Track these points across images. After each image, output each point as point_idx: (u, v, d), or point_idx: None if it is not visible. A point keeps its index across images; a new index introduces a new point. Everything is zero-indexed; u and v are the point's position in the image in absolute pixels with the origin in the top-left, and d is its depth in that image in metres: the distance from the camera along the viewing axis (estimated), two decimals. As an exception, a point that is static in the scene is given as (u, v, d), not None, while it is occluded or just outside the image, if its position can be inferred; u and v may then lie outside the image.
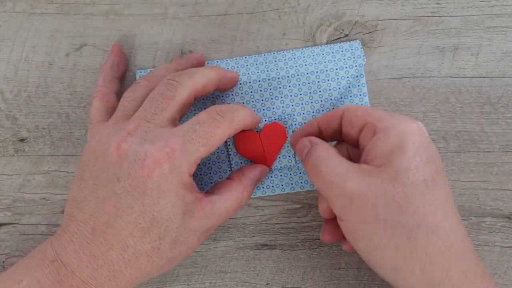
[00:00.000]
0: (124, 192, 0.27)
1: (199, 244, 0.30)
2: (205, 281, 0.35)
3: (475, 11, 0.37)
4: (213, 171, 0.35)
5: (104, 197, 0.27)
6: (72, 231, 0.28)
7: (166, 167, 0.27)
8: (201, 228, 0.29)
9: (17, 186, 0.36)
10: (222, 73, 0.33)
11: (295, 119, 0.34)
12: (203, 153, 0.28)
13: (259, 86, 0.35)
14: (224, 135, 0.29)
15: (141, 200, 0.27)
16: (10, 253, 0.35)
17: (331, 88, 0.35)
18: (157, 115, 0.29)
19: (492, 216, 0.35)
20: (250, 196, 0.32)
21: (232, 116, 0.29)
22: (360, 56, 0.35)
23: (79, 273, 0.27)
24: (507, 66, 0.36)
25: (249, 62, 0.36)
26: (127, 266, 0.28)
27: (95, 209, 0.27)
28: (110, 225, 0.27)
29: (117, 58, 0.36)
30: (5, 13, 0.37)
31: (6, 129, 0.36)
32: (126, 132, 0.28)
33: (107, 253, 0.27)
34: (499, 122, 0.36)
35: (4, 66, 0.37)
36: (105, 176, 0.28)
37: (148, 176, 0.27)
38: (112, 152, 0.28)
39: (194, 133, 0.28)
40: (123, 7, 0.37)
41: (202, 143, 0.28)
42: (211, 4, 0.37)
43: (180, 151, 0.27)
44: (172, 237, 0.28)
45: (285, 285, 0.35)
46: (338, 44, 0.36)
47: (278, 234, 0.35)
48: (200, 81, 0.31)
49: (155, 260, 0.28)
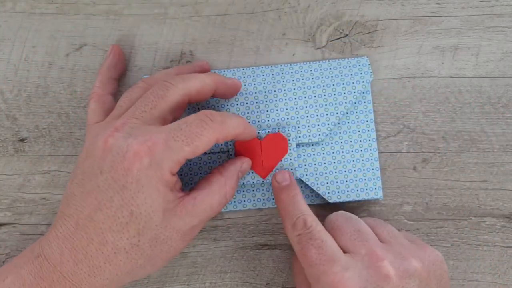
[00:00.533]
0: (105, 185, 0.27)
1: (185, 244, 0.30)
2: (205, 281, 0.35)
3: (475, 11, 0.37)
4: None
5: (88, 191, 0.27)
6: (58, 226, 0.28)
7: (146, 160, 0.27)
8: (185, 226, 0.28)
9: (17, 186, 0.36)
10: (220, 79, 0.32)
11: (300, 132, 0.34)
12: (188, 153, 0.28)
13: (264, 96, 0.35)
14: (211, 138, 0.28)
15: (120, 194, 0.27)
16: (10, 253, 0.35)
17: (337, 102, 0.35)
18: (146, 112, 0.29)
19: (492, 216, 0.35)
20: (234, 188, 0.31)
21: (222, 121, 0.29)
22: (368, 72, 0.35)
23: (60, 267, 0.27)
24: (507, 66, 0.36)
25: (255, 73, 0.36)
26: (106, 262, 0.27)
27: (80, 202, 0.28)
28: (91, 218, 0.27)
29: (115, 59, 0.36)
30: (5, 13, 0.37)
31: (6, 129, 0.36)
32: (113, 128, 0.28)
33: (87, 248, 0.27)
34: (499, 122, 0.36)
35: (4, 66, 0.37)
36: (91, 170, 0.28)
37: (128, 169, 0.27)
38: (99, 146, 0.28)
39: (179, 131, 0.28)
40: (123, 7, 0.37)
41: (186, 142, 0.28)
42: (211, 4, 0.37)
43: (162, 147, 0.27)
44: (151, 234, 0.27)
45: (285, 285, 0.35)
46: (346, 59, 0.36)
47: (278, 234, 0.35)
48: (194, 85, 0.30)
49: (134, 257, 0.28)
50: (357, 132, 0.35)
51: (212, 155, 0.35)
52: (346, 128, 0.35)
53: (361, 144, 0.35)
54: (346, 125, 0.35)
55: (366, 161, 0.34)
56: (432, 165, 0.36)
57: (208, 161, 0.35)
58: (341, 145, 0.35)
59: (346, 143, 0.35)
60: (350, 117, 0.35)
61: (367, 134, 0.35)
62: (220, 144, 0.34)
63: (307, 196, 0.35)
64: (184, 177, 0.34)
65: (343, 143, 0.35)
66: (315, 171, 0.34)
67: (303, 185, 0.35)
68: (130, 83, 0.37)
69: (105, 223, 0.27)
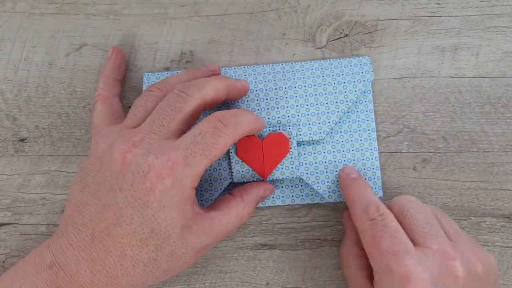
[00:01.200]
0: (125, 202, 0.27)
1: (195, 261, 0.30)
2: (205, 281, 0.35)
3: (475, 11, 0.37)
4: (213, 178, 0.34)
5: (104, 205, 0.27)
6: (71, 234, 0.28)
7: (169, 181, 0.27)
8: (199, 244, 0.29)
9: (17, 186, 0.36)
10: (231, 84, 0.32)
11: (301, 129, 0.34)
12: (206, 164, 0.28)
13: (265, 94, 0.35)
14: (227, 143, 0.29)
15: (141, 212, 0.27)
16: (10, 253, 0.35)
17: (338, 101, 0.35)
18: (164, 126, 0.29)
19: (492, 216, 0.35)
20: (251, 213, 0.32)
21: (236, 122, 0.29)
22: (369, 72, 0.35)
23: (78, 277, 0.27)
24: (507, 66, 0.36)
25: (256, 71, 0.36)
26: (124, 273, 0.28)
27: (95, 214, 0.28)
28: (109, 233, 0.27)
29: (118, 60, 0.35)
30: (5, 13, 0.37)
31: (6, 129, 0.36)
32: (132, 143, 0.28)
33: (106, 259, 0.27)
34: (499, 122, 0.36)
35: (4, 66, 0.37)
36: (107, 184, 0.28)
37: (150, 190, 0.27)
38: (117, 161, 0.28)
39: (196, 145, 0.28)
40: (123, 7, 0.37)
41: (204, 155, 0.28)
42: (211, 4, 0.37)
43: (182, 165, 0.27)
44: (169, 250, 0.28)
45: (285, 285, 0.35)
46: (347, 59, 0.36)
47: (278, 234, 0.35)
48: (209, 94, 0.30)
49: (151, 270, 0.28)
50: (357, 132, 0.35)
51: None
52: (346, 127, 0.35)
53: (361, 143, 0.35)
54: (347, 124, 0.35)
55: (367, 160, 0.34)
56: (432, 165, 0.36)
57: None
58: (342, 144, 0.35)
59: (347, 142, 0.35)
60: (351, 116, 0.35)
61: (368, 134, 0.35)
62: None
63: (307, 195, 0.35)
64: None
65: (344, 142, 0.35)
66: (315, 170, 0.34)
67: (303, 184, 0.35)
68: (130, 83, 0.37)
69: (125, 238, 0.27)
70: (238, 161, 0.33)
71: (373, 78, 0.35)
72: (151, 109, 0.31)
